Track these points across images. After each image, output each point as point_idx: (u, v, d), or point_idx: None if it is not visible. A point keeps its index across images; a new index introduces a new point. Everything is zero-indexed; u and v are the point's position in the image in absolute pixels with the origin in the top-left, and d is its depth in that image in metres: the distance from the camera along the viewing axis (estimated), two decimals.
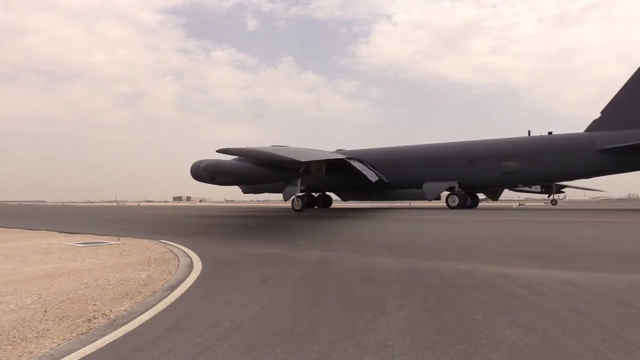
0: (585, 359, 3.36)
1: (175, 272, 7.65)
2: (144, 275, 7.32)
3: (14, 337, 4.14)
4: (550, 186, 53.20)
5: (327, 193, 43.31)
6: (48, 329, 4.36)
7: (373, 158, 37.66)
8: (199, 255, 9.52)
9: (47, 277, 7.28)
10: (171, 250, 10.57)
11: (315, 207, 41.80)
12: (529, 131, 35.42)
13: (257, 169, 25.49)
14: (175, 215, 34.29)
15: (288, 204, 39.67)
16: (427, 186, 35.60)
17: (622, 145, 29.33)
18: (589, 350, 3.52)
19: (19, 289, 6.33)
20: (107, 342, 3.93)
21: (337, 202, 44.16)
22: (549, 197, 58.08)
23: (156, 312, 4.95)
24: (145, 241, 12.79)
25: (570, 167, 32.60)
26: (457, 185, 34.72)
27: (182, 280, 6.80)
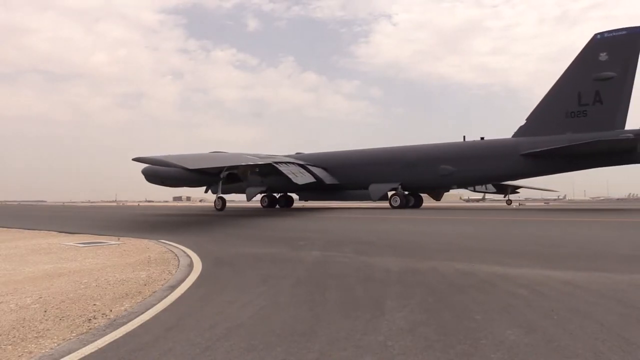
0: (585, 359, 3.36)
1: (175, 272, 7.65)
2: (143, 275, 7.32)
3: (14, 337, 4.14)
4: (504, 187, 56.89)
5: (290, 194, 45.98)
6: (48, 329, 4.36)
7: (327, 161, 41.18)
8: (199, 255, 9.53)
9: (47, 277, 7.28)
10: (171, 250, 10.57)
11: (277, 206, 44.62)
12: (464, 136, 39.05)
13: (186, 174, 29.42)
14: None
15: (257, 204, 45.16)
16: (373, 187, 38.70)
17: (539, 150, 32.81)
18: (589, 350, 3.52)
19: (19, 289, 6.33)
20: (107, 342, 3.93)
21: (338, 203, 45.70)
22: (504, 197, 61.42)
23: (156, 312, 4.95)
24: (145, 241, 12.79)
25: (497, 170, 36.06)
26: (400, 186, 37.95)
27: (182, 280, 6.80)
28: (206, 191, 38.41)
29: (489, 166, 35.98)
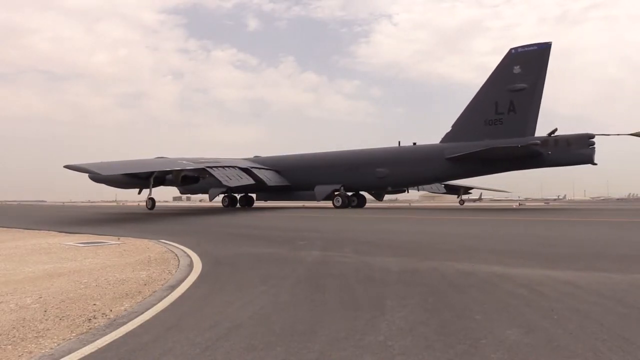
0: (585, 359, 3.36)
1: (175, 271, 7.65)
2: (144, 275, 7.32)
3: (14, 336, 4.14)
4: (457, 187, 60.53)
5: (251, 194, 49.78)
6: (48, 329, 4.36)
7: (280, 164, 44.79)
8: (199, 255, 9.52)
9: (47, 277, 7.28)
10: (171, 250, 10.57)
11: (238, 205, 48.52)
12: (399, 142, 42.55)
13: (123, 177, 34.69)
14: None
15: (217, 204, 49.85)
16: (318, 188, 42.08)
17: (459, 154, 36.20)
18: (589, 350, 3.52)
19: (19, 289, 6.33)
20: (107, 342, 3.93)
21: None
22: (458, 197, 65.03)
23: (156, 312, 4.95)
24: (146, 241, 12.79)
25: (426, 172, 39.57)
26: (342, 188, 41.28)
27: (182, 280, 6.80)
28: (139, 193, 41.14)
29: (418, 169, 39.42)
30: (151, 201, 38.75)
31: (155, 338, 4.01)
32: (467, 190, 64.75)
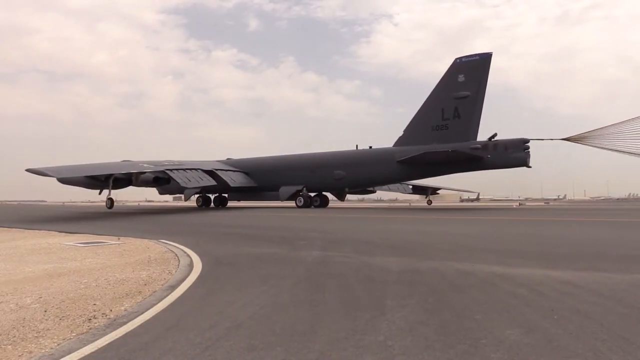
0: (585, 359, 3.36)
1: (175, 271, 7.65)
2: (144, 275, 7.32)
3: (14, 336, 4.14)
4: (425, 188, 63.50)
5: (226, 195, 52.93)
6: (48, 329, 4.36)
7: (249, 167, 48.10)
8: (199, 254, 9.52)
9: (47, 277, 7.28)
10: (171, 250, 10.57)
11: (212, 205, 51.76)
12: (357, 145, 45.56)
13: (85, 179, 38.03)
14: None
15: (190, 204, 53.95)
16: (282, 189, 45.23)
17: (406, 157, 38.92)
18: (589, 350, 3.52)
19: (19, 289, 6.32)
20: (107, 342, 3.93)
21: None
22: (425, 197, 68.25)
23: (156, 312, 4.95)
24: (146, 241, 12.79)
25: (379, 174, 42.39)
26: (304, 188, 44.25)
27: (182, 280, 6.80)
28: (99, 193, 43.47)
29: (372, 171, 42.29)
30: (110, 201, 41.63)
31: (155, 338, 4.01)
32: (434, 190, 67.45)
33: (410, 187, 61.73)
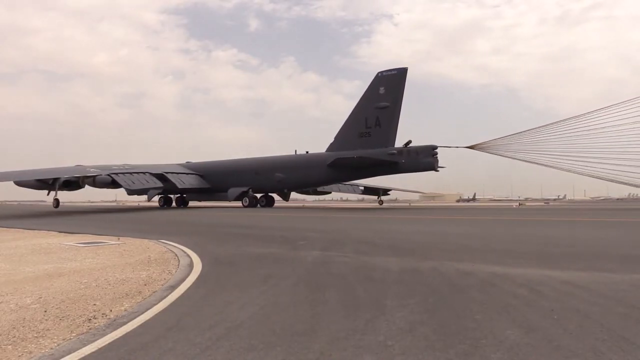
0: (585, 359, 3.36)
1: (175, 271, 7.65)
2: (144, 275, 7.31)
3: (14, 337, 4.14)
4: (377, 189, 68.28)
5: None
6: (48, 329, 4.35)
7: (203, 170, 52.91)
8: (199, 254, 9.52)
9: (47, 277, 7.28)
10: (171, 250, 10.57)
11: (173, 205, 56.73)
12: (296, 150, 50.85)
13: (36, 182, 42.47)
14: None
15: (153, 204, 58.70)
16: (230, 190, 49.82)
17: (331, 161, 43.74)
18: (589, 350, 3.52)
19: (19, 289, 6.32)
20: (107, 342, 3.93)
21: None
22: (378, 198, 72.47)
23: (156, 312, 4.95)
24: (145, 241, 12.78)
25: (313, 177, 47.22)
26: (249, 190, 49.23)
27: (182, 280, 6.80)
28: (47, 194, 47.43)
29: (307, 174, 47.08)
30: (56, 201, 45.56)
31: (155, 338, 4.01)
32: (385, 191, 71.94)
33: (361, 188, 66.45)
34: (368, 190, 69.16)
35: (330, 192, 65.04)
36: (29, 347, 3.85)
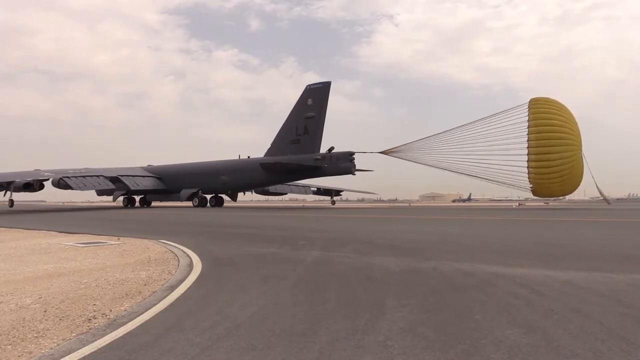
0: (585, 359, 3.36)
1: (175, 272, 7.64)
2: (143, 275, 7.31)
3: (14, 337, 4.14)
4: (329, 190, 74.42)
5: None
6: (48, 329, 4.35)
7: (161, 172, 58.83)
8: (199, 255, 9.52)
9: (47, 277, 7.28)
10: (171, 251, 10.56)
11: (137, 205, 61.23)
12: (239, 155, 56.83)
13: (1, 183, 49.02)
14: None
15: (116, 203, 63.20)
16: (182, 192, 55.64)
17: (261, 165, 50.44)
18: (589, 350, 3.51)
19: (19, 289, 6.32)
20: (107, 342, 3.92)
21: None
22: (331, 198, 78.42)
23: (156, 312, 4.94)
24: (145, 241, 12.78)
25: (252, 179, 53.07)
26: (199, 191, 54.97)
27: (182, 280, 6.79)
28: (4, 195, 53.41)
29: (247, 177, 52.86)
30: (10, 202, 52.54)
31: (155, 338, 4.01)
32: (337, 192, 77.81)
33: (313, 189, 72.46)
34: (321, 191, 75.34)
35: (286, 193, 70.90)
36: (29, 347, 3.84)
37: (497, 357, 3.40)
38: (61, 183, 50.21)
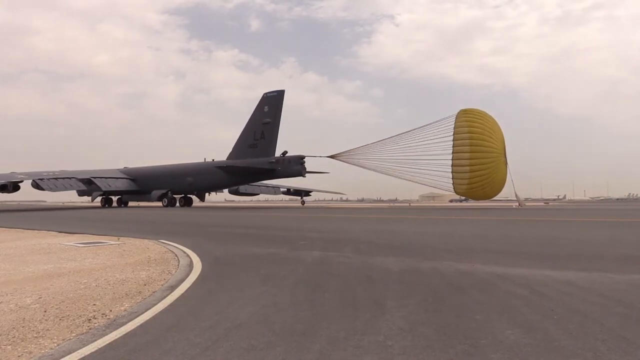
0: (585, 359, 3.36)
1: (175, 272, 7.64)
2: (143, 275, 7.31)
3: (14, 337, 4.14)
4: (299, 191, 79.80)
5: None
6: (48, 329, 4.35)
7: (135, 174, 63.15)
8: (199, 255, 9.52)
9: (47, 277, 7.27)
10: (171, 251, 10.56)
11: (114, 205, 64.94)
12: (205, 158, 60.84)
13: None
14: None
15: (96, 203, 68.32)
16: (153, 192, 60.54)
17: (219, 166, 55.27)
18: (589, 350, 3.51)
19: (19, 289, 6.32)
20: (107, 342, 3.92)
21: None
22: (301, 198, 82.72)
23: (156, 312, 4.94)
24: (145, 241, 12.78)
25: (215, 181, 57.30)
26: (168, 192, 59.82)
27: (182, 280, 6.79)
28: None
29: (211, 178, 56.75)
30: None
31: (155, 338, 4.01)
32: (307, 193, 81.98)
33: (283, 189, 77.23)
34: (291, 192, 79.93)
35: (257, 194, 75.71)
36: (29, 347, 3.84)
37: (497, 357, 3.40)
38: (34, 185, 53.18)
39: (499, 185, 47.21)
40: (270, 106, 54.07)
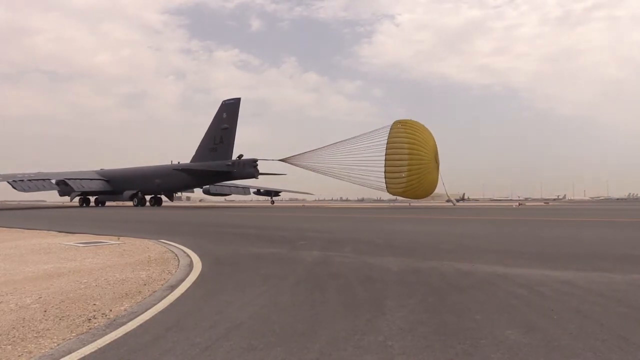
0: (585, 359, 3.36)
1: (175, 271, 7.64)
2: (143, 275, 7.31)
3: (14, 337, 4.13)
4: (269, 191, 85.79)
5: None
6: (48, 329, 4.35)
7: (109, 175, 66.97)
8: (199, 254, 9.52)
9: (47, 277, 7.27)
10: (171, 250, 10.56)
11: (92, 204, 68.96)
12: (172, 160, 65.04)
13: None
14: None
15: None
16: (125, 193, 64.88)
17: (186, 169, 60.02)
18: (589, 350, 3.52)
19: (19, 289, 6.32)
20: (107, 342, 3.92)
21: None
22: (270, 198, 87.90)
23: (156, 312, 4.94)
24: (145, 241, 12.78)
25: (180, 182, 61.81)
26: (139, 192, 64.20)
27: (182, 280, 6.79)
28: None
29: (177, 180, 61.16)
30: None
31: (155, 338, 4.01)
32: (277, 193, 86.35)
33: (253, 190, 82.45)
34: (261, 192, 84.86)
35: (228, 194, 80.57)
36: (29, 347, 3.84)
37: (497, 357, 3.40)
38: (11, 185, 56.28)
39: (428, 187, 52.98)
40: (228, 113, 58.39)
